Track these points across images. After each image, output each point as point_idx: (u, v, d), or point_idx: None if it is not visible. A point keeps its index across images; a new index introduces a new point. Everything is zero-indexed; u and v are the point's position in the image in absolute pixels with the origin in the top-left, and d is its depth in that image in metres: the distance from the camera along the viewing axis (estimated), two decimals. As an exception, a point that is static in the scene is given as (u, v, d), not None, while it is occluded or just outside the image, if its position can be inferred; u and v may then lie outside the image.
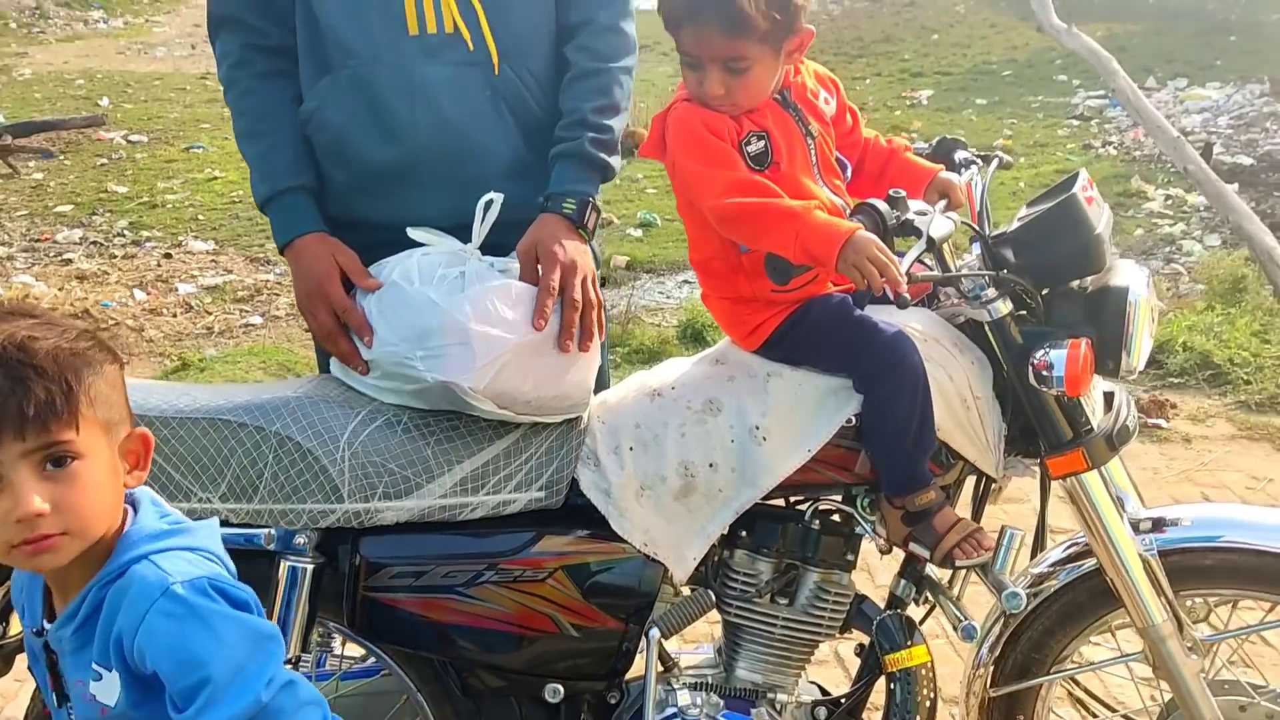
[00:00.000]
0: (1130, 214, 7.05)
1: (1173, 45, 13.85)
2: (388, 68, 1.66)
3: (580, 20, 1.76)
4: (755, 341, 1.65)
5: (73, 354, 1.07)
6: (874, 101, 11.16)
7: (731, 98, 1.56)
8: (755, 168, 1.56)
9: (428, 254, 1.59)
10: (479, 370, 1.49)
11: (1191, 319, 4.06)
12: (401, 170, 1.70)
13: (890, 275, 1.36)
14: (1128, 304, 1.49)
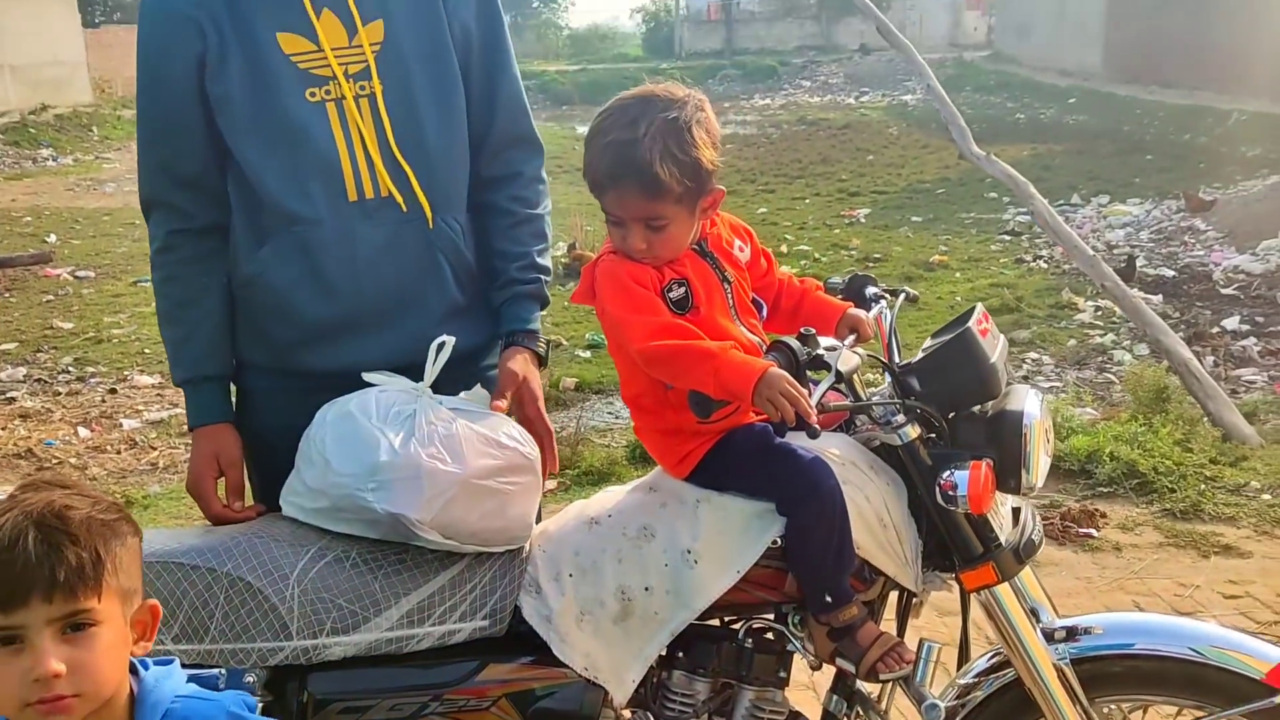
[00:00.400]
0: (1063, 325, 7.29)
1: (1094, 164, 14.53)
2: (330, 231, 1.77)
3: (509, 173, 1.92)
4: (684, 470, 1.75)
5: (103, 524, 1.15)
6: (814, 220, 11.50)
7: (652, 251, 1.68)
8: (677, 312, 1.68)
9: (384, 392, 1.69)
10: (427, 502, 1.58)
11: (1118, 429, 4.22)
12: (344, 324, 1.81)
13: (801, 407, 1.47)
14: (1023, 427, 1.61)
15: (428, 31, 1.81)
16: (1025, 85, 26.83)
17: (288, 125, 1.74)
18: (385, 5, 1.78)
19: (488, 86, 1.88)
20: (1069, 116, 21.46)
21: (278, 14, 1.73)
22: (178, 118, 1.77)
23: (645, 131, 1.62)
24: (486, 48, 1.88)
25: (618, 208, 1.67)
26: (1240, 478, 3.97)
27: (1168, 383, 4.62)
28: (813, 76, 33.72)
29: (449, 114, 1.84)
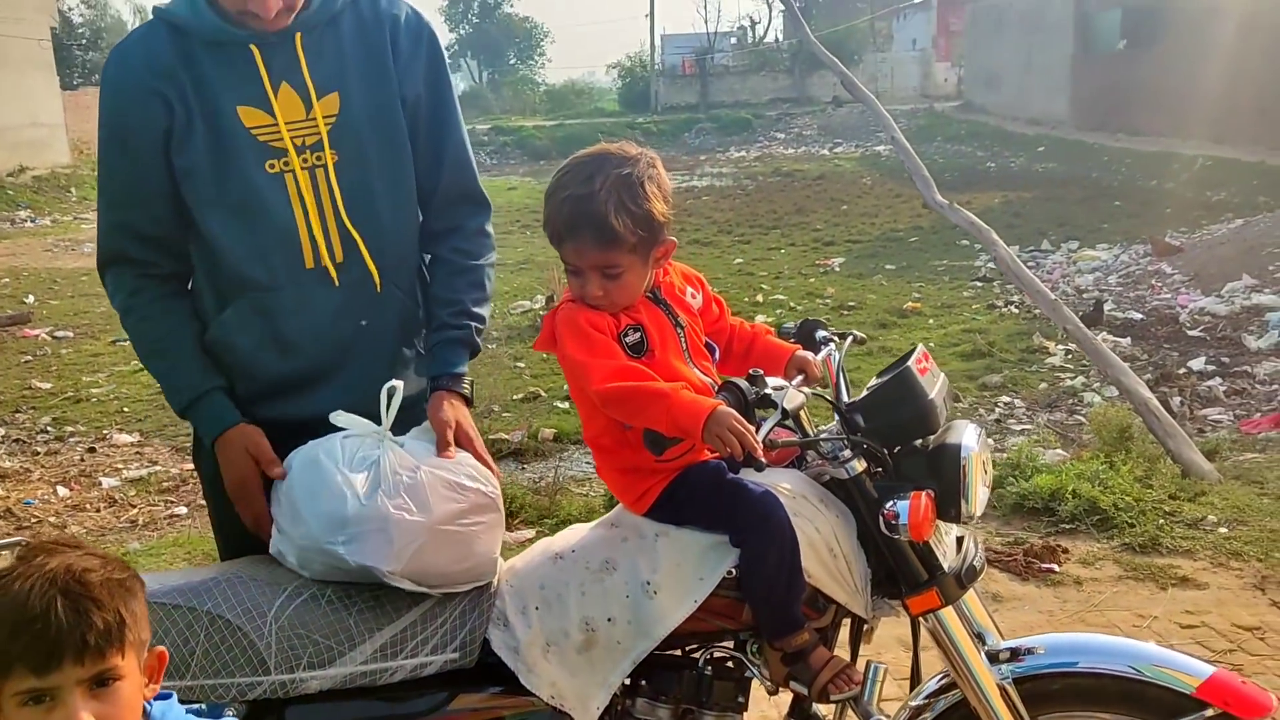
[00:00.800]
0: (1034, 369, 7.42)
1: (1063, 211, 14.81)
2: (289, 298, 1.89)
3: (451, 226, 2.02)
4: (643, 506, 1.84)
5: (119, 584, 1.23)
6: (789, 270, 11.67)
7: (609, 298, 1.79)
8: (633, 355, 1.78)
9: (348, 437, 1.77)
10: (397, 553, 1.67)
11: (1080, 468, 4.32)
12: (303, 379, 1.92)
13: (747, 442, 1.57)
14: (961, 459, 1.72)
15: (381, 100, 1.90)
16: (995, 134, 27.35)
17: (249, 196, 1.84)
18: (342, 77, 1.87)
19: (434, 147, 1.98)
20: (1038, 164, 21.88)
21: (239, 88, 1.82)
22: (143, 184, 1.85)
23: (600, 186, 1.73)
24: (433, 109, 1.97)
25: (575, 258, 1.77)
26: (1198, 512, 4.07)
27: (1130, 422, 4.73)
28: (787, 128, 34.27)
29: (398, 182, 1.95)
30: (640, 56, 49.39)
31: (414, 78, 1.94)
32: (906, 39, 50.63)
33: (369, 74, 1.90)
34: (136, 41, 1.86)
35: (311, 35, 1.86)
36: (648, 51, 48.62)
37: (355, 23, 1.90)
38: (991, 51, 33.22)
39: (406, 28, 1.94)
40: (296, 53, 1.84)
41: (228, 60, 1.82)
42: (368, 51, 1.90)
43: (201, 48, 1.82)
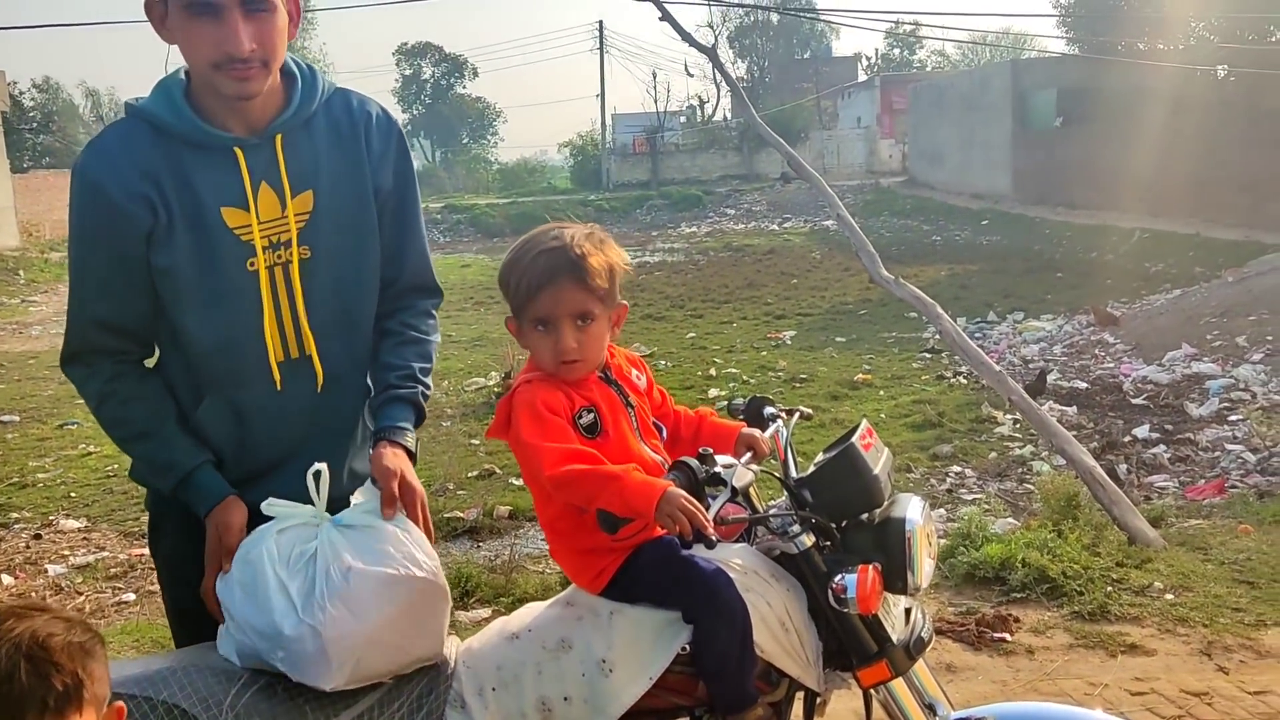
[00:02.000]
0: (983, 438, 7.54)
1: (1008, 283, 15.17)
2: (259, 394, 1.93)
3: (402, 305, 2.08)
4: (599, 585, 1.87)
5: (79, 646, 1.31)
6: (741, 343, 11.80)
7: (582, 352, 1.86)
8: (587, 437, 1.83)
9: (284, 530, 1.77)
10: (335, 671, 1.67)
11: (1029, 536, 4.39)
12: (266, 468, 1.95)
13: (698, 521, 1.62)
14: (906, 532, 1.77)
15: (353, 196, 1.96)
16: (940, 209, 28.02)
17: (228, 294, 1.88)
18: (316, 175, 1.92)
19: (398, 242, 2.05)
20: (983, 237, 22.42)
21: (222, 189, 1.85)
22: (121, 281, 1.87)
23: (571, 239, 1.86)
24: (400, 204, 2.04)
25: (552, 306, 1.85)
26: (1144, 579, 4.15)
27: (1077, 491, 4.83)
28: (736, 204, 34.89)
29: (363, 276, 2.00)
30: (592, 135, 50.23)
31: (385, 173, 2.00)
32: (851, 117, 51.94)
33: (342, 171, 1.95)
34: (116, 140, 1.86)
35: (290, 136, 1.90)
36: (599, 130, 49.48)
37: (329, 122, 1.95)
38: (934, 129, 34.17)
39: (378, 126, 2.00)
40: (276, 154, 1.88)
41: (211, 162, 1.85)
42: (342, 149, 1.95)
43: (184, 148, 1.84)
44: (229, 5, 1.74)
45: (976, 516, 4.75)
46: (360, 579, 1.70)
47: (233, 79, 1.78)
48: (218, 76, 1.78)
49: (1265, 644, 3.65)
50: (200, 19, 1.75)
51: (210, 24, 1.74)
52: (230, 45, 1.75)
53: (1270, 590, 4.06)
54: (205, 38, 1.75)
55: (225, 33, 1.75)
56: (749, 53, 60.89)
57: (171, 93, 1.86)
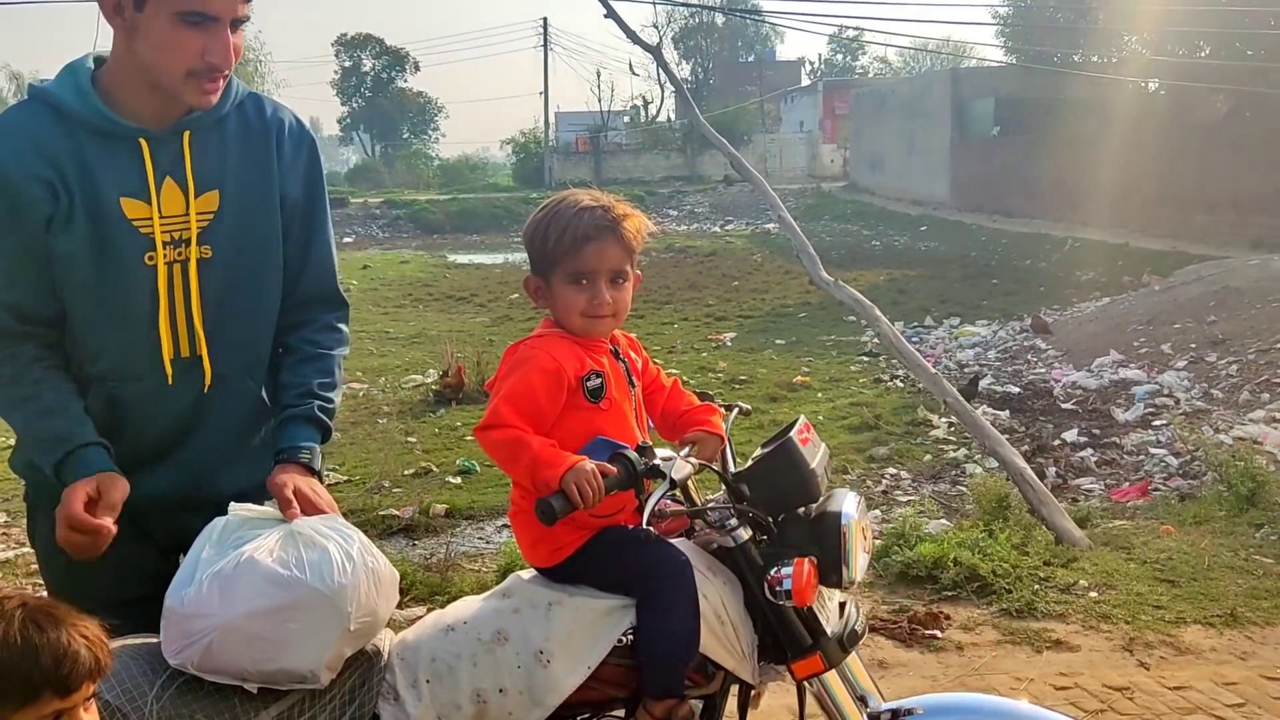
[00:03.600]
0: (919, 441, 7.65)
1: (945, 288, 15.42)
2: (146, 389, 1.91)
3: (304, 319, 2.06)
4: (554, 559, 1.87)
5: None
6: (682, 344, 11.86)
7: (615, 307, 1.90)
8: (591, 400, 1.86)
9: (249, 519, 1.76)
10: (180, 649, 1.65)
11: (961, 536, 4.47)
12: (142, 462, 1.92)
13: (587, 496, 1.67)
14: (842, 526, 1.79)
15: (259, 201, 1.95)
16: (880, 214, 28.39)
17: (122, 287, 1.85)
18: (223, 174, 1.90)
19: (301, 249, 2.03)
20: (921, 243, 22.77)
21: (123, 180, 1.83)
22: (25, 263, 1.83)
23: (610, 201, 1.93)
24: (307, 213, 2.03)
25: (598, 260, 1.88)
26: (1070, 577, 4.25)
27: (1008, 492, 4.93)
28: (679, 206, 35.03)
29: (263, 281, 1.99)
30: (534, 133, 50.08)
31: (294, 180, 1.99)
32: (794, 121, 52.48)
33: (250, 174, 1.93)
34: (17, 122, 1.82)
35: (198, 133, 1.88)
36: (542, 128, 49.34)
37: (240, 124, 1.94)
38: (875, 135, 34.63)
39: (290, 133, 1.99)
40: (183, 149, 1.86)
41: (113, 151, 1.82)
42: (252, 153, 1.94)
43: (87, 135, 1.81)
44: (223, 19, 1.75)
45: (911, 517, 4.82)
46: (247, 568, 1.66)
47: (204, 89, 1.80)
48: (188, 83, 1.78)
49: (1185, 641, 3.76)
50: (189, 27, 1.74)
51: (198, 34, 1.74)
52: (216, 57, 1.76)
53: (1190, 589, 4.18)
54: (191, 46, 1.75)
55: (214, 44, 1.75)
56: (693, 54, 61.16)
57: (79, 77, 1.83)
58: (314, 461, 1.93)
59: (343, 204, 35.11)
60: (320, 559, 1.69)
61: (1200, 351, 9.11)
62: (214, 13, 1.73)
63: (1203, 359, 8.92)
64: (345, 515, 5.76)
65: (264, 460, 1.95)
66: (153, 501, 1.90)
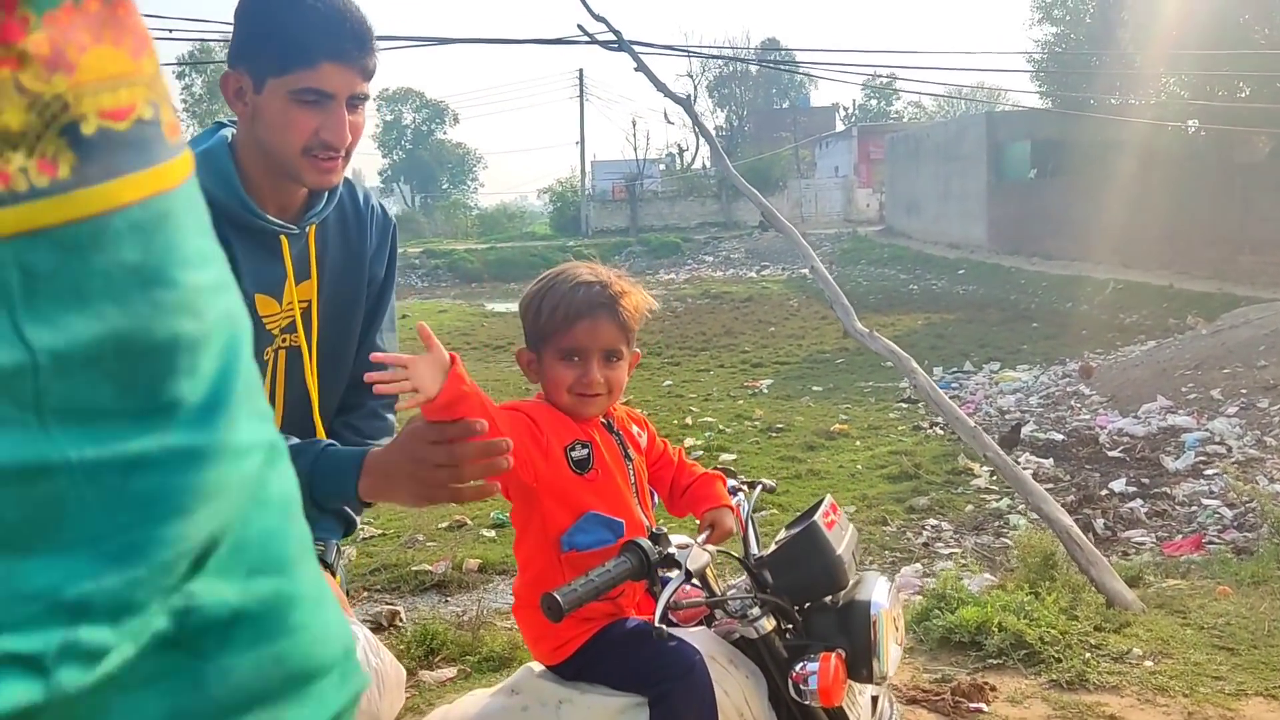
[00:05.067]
0: (960, 491, 7.46)
1: (984, 332, 15.20)
2: None
3: (354, 403, 2.02)
4: (559, 657, 1.77)
5: None
6: (718, 392, 11.74)
7: (607, 386, 1.81)
8: (577, 471, 1.77)
9: None
10: None
11: (1005, 599, 4.28)
12: None
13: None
14: (872, 616, 1.67)
15: (348, 289, 1.95)
16: (917, 258, 28.19)
17: None
18: (323, 263, 1.90)
19: (365, 333, 2.02)
20: (959, 287, 22.54)
21: (260, 275, 1.80)
22: None
23: (608, 276, 1.87)
24: (378, 298, 2.03)
25: (589, 337, 1.80)
26: (1123, 644, 4.03)
27: (1054, 549, 4.74)
28: (715, 252, 35.04)
29: (340, 370, 1.98)
30: (571, 182, 50.54)
31: (379, 265, 2.01)
32: (829, 166, 52.48)
33: (344, 264, 1.94)
34: None
35: (319, 228, 1.90)
36: (578, 177, 49.75)
37: (338, 214, 1.94)
38: (910, 179, 34.52)
39: (377, 221, 2.01)
40: (309, 245, 1.87)
41: (255, 246, 1.79)
42: (346, 242, 1.94)
43: (230, 229, 1.76)
44: (340, 97, 1.72)
45: (952, 577, 4.64)
46: None
47: (321, 168, 1.76)
48: (304, 162, 1.74)
49: (1246, 714, 3.55)
50: (304, 105, 1.71)
51: (315, 112, 1.72)
52: (331, 134, 1.73)
53: (1250, 657, 3.96)
54: (307, 124, 1.72)
55: (331, 121, 1.73)
56: (728, 102, 61.55)
57: (220, 163, 1.78)
58: (326, 555, 1.86)
59: (382, 254, 35.46)
60: None
61: (1251, 397, 8.84)
62: (329, 90, 1.71)
63: (1254, 405, 8.65)
64: (378, 571, 5.72)
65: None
66: None
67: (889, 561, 6.14)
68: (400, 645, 4.78)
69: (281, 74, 1.69)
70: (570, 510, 1.75)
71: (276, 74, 1.70)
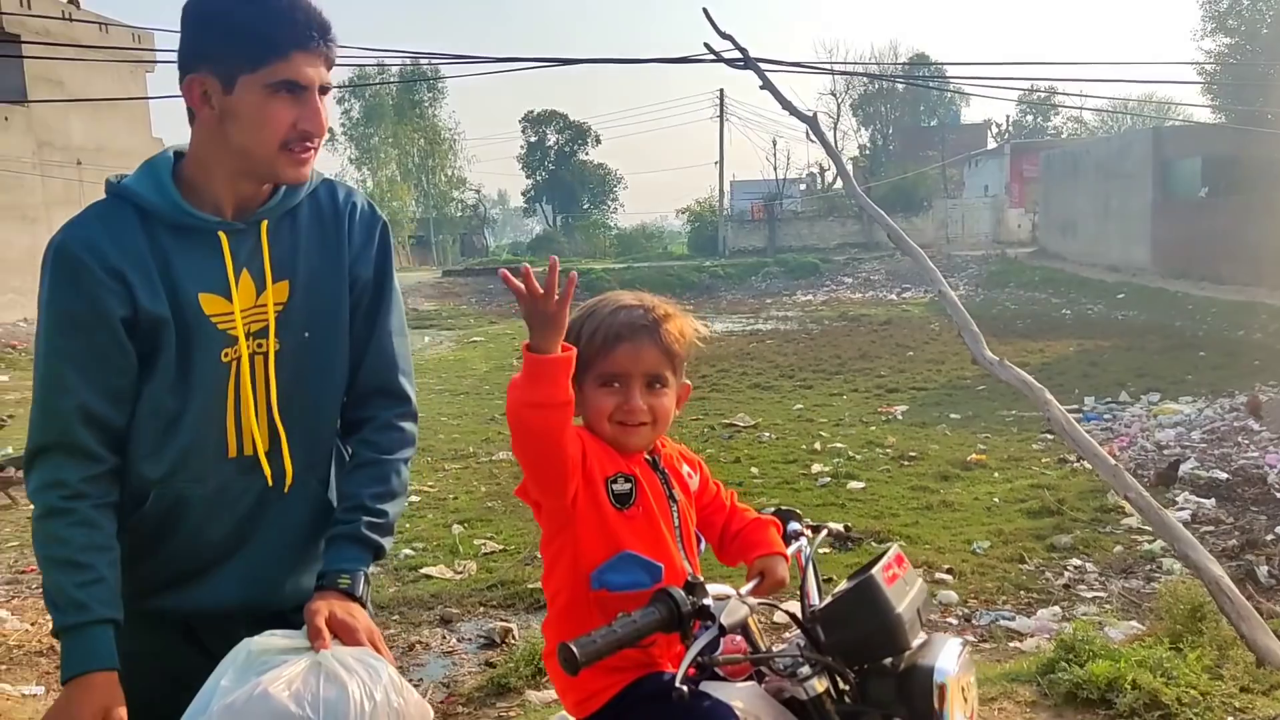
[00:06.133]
0: (1108, 530, 6.99)
1: (1143, 361, 14.35)
2: (208, 486, 1.83)
3: (364, 416, 1.94)
4: (586, 710, 1.66)
5: None
6: (850, 417, 11.43)
7: (652, 415, 1.72)
8: (617, 506, 1.67)
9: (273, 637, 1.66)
10: None
11: (1142, 653, 3.92)
12: (203, 568, 1.84)
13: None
14: (935, 684, 1.47)
15: (327, 290, 1.89)
16: (1071, 281, 27.02)
17: (198, 385, 1.79)
18: (293, 265, 1.85)
19: (364, 337, 1.95)
20: (1117, 312, 21.46)
21: (202, 275, 1.78)
22: (101, 364, 1.76)
23: (651, 301, 1.82)
24: (374, 297, 1.95)
25: (630, 361, 1.72)
26: (1272, 709, 3.63)
27: (1203, 601, 4.34)
28: (854, 273, 34.37)
29: (330, 373, 1.91)
30: (710, 202, 50.52)
31: (364, 263, 1.94)
32: (978, 185, 50.95)
33: (320, 263, 1.89)
34: (97, 219, 1.78)
35: (275, 223, 1.85)
36: (717, 197, 49.70)
37: (313, 212, 1.90)
38: (1067, 198, 33.17)
39: (361, 219, 1.95)
40: (260, 240, 1.83)
41: (191, 246, 1.78)
42: (323, 241, 1.89)
43: (165, 231, 1.77)
44: (312, 86, 1.74)
45: (1082, 628, 4.29)
46: (259, 703, 1.52)
47: (298, 160, 1.77)
48: (281, 157, 1.76)
49: None
50: (280, 97, 1.72)
51: (290, 103, 1.73)
52: (310, 124, 1.75)
53: None
54: (283, 117, 1.73)
55: (307, 112, 1.75)
56: (873, 120, 60.47)
57: (159, 172, 1.80)
58: (354, 587, 1.77)
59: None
60: (337, 699, 1.54)
61: None
62: (304, 80, 1.72)
63: None
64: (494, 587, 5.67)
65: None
66: (211, 613, 1.81)
67: (1024, 603, 5.79)
68: (510, 663, 4.73)
69: (255, 69, 1.69)
70: (605, 545, 1.64)
71: (249, 70, 1.69)
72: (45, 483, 1.75)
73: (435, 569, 6.50)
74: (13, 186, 22.97)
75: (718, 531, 1.87)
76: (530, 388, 1.55)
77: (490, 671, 4.88)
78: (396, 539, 7.93)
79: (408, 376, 1.99)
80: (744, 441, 10.35)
